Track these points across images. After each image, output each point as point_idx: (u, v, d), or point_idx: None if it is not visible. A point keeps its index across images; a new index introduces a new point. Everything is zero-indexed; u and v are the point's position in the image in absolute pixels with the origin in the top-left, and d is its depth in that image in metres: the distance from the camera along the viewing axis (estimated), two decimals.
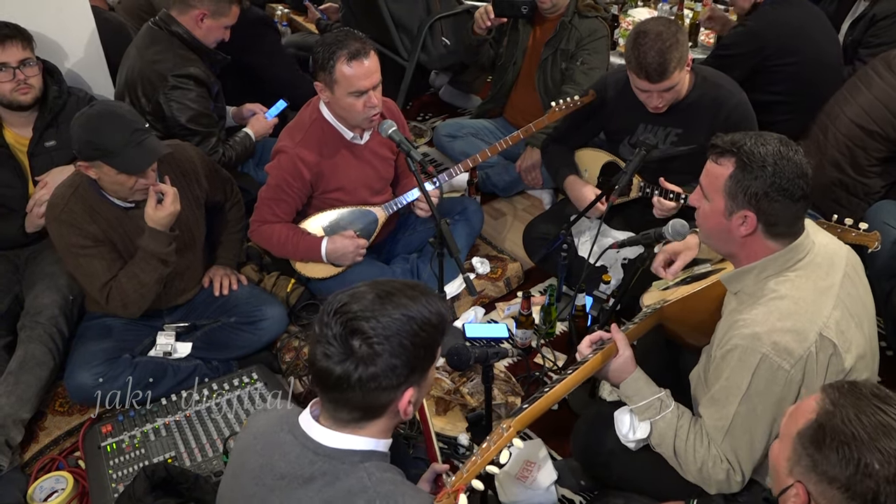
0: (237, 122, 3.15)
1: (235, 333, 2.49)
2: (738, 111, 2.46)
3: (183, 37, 2.76)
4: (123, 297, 2.25)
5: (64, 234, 2.20)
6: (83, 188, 2.21)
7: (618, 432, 1.75)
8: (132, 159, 2.10)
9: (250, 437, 1.36)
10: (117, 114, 2.11)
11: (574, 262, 2.69)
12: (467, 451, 2.24)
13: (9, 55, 2.39)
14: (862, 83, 2.72)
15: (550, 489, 2.13)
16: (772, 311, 1.55)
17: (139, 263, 2.24)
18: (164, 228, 2.21)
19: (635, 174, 2.62)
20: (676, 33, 2.29)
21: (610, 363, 1.72)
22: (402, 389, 1.24)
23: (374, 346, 1.19)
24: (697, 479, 1.65)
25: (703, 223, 1.70)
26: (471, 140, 3.42)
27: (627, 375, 1.72)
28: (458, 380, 2.37)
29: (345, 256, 2.56)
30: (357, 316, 1.20)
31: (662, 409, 1.68)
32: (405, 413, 1.26)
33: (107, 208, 2.23)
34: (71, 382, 2.29)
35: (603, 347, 1.73)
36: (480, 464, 1.44)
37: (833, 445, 1.13)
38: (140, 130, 2.11)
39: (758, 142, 1.57)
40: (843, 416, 1.14)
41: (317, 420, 1.29)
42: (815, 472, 1.16)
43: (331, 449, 1.25)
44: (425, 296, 1.27)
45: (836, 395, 1.19)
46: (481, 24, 3.18)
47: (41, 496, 2.08)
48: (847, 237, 1.97)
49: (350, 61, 2.29)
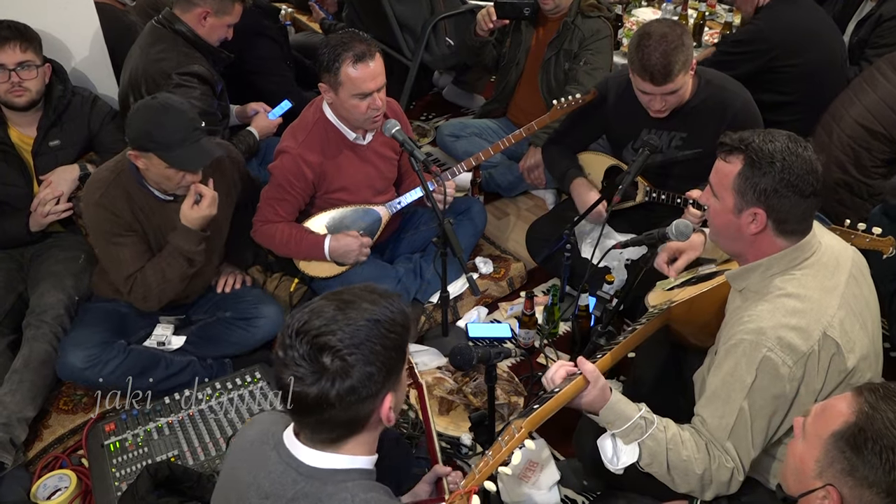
0: (241, 121, 3.15)
1: (229, 329, 2.49)
2: (744, 112, 2.45)
3: (186, 35, 2.76)
4: (146, 289, 2.27)
5: (99, 219, 2.22)
6: (125, 175, 2.23)
7: (603, 459, 1.65)
8: (186, 157, 2.13)
9: (246, 443, 1.34)
10: (179, 109, 2.14)
11: (577, 262, 2.68)
12: (470, 451, 2.24)
13: (6, 57, 2.39)
14: (867, 84, 2.72)
15: (553, 490, 2.13)
16: (777, 308, 1.54)
17: (166, 258, 2.26)
18: (196, 228, 2.24)
19: (641, 179, 2.62)
20: (682, 35, 2.28)
21: (581, 396, 1.59)
22: (381, 396, 1.21)
23: (346, 358, 1.15)
24: (696, 489, 1.60)
25: (713, 221, 1.69)
26: (474, 140, 3.41)
27: (604, 404, 1.60)
28: (461, 380, 2.38)
29: (348, 254, 2.56)
30: (321, 331, 1.16)
31: (648, 427, 1.58)
32: (388, 420, 1.23)
33: (145, 198, 2.25)
34: (62, 360, 2.30)
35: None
36: (493, 465, 1.44)
37: (875, 450, 1.12)
38: (198, 130, 2.15)
39: (766, 139, 1.56)
40: (885, 419, 1.13)
41: (299, 436, 1.26)
42: (852, 476, 1.14)
43: (314, 469, 1.22)
44: (386, 297, 1.24)
45: (873, 397, 1.17)
46: (484, 26, 3.18)
47: (45, 494, 2.08)
48: (860, 242, 1.96)
49: (356, 64, 2.29)
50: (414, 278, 2.73)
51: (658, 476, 1.62)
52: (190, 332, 2.50)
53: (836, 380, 1.55)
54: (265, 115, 3.07)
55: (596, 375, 1.58)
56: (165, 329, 2.47)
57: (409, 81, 3.87)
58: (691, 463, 1.57)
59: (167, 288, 2.29)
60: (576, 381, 1.58)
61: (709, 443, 1.59)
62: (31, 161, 2.54)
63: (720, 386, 1.59)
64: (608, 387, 1.61)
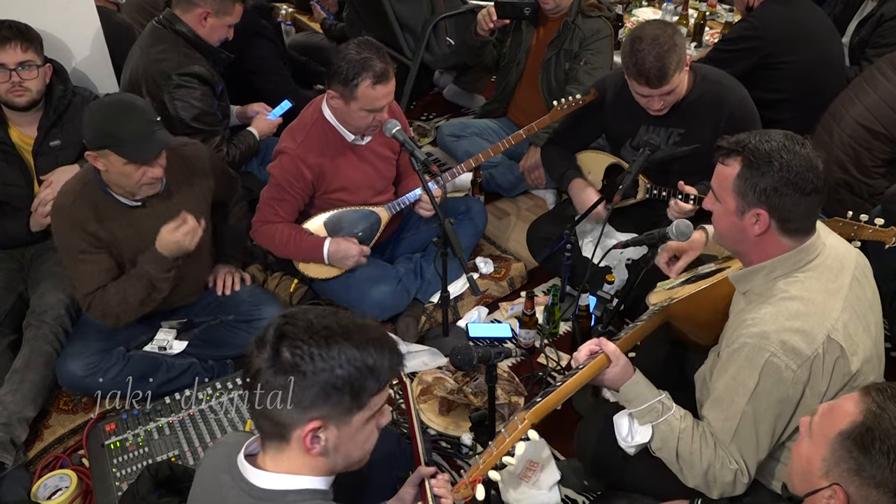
0: (241, 121, 3.15)
1: (233, 332, 2.49)
2: (740, 107, 2.46)
3: (187, 35, 2.76)
4: (105, 307, 2.24)
5: (66, 234, 2.20)
6: (90, 187, 2.20)
7: (617, 437, 1.71)
8: (141, 149, 2.10)
9: (206, 470, 1.34)
10: (133, 104, 2.13)
11: (578, 262, 2.68)
12: (470, 451, 2.24)
13: (6, 57, 2.39)
14: (867, 84, 2.71)
15: (553, 489, 2.13)
16: (781, 311, 1.54)
17: (131, 280, 2.23)
18: (168, 254, 2.21)
19: (642, 176, 2.62)
20: (673, 35, 2.28)
21: (604, 373, 1.66)
22: (307, 417, 1.18)
23: (298, 362, 1.16)
24: (701, 484, 1.61)
25: (717, 225, 1.69)
26: (475, 140, 3.41)
27: (627, 380, 1.67)
28: (462, 379, 2.38)
29: (346, 260, 2.56)
30: (299, 337, 1.18)
31: (664, 412, 1.63)
32: (307, 448, 1.19)
33: (111, 207, 2.22)
34: (62, 368, 2.30)
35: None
36: (496, 455, 1.45)
37: (883, 449, 1.12)
38: (153, 122, 2.13)
39: (762, 139, 1.56)
40: (893, 419, 1.13)
41: (253, 458, 1.26)
42: (859, 475, 1.14)
43: (265, 491, 1.21)
44: (377, 346, 1.21)
45: (881, 397, 1.17)
46: (484, 26, 3.18)
47: (45, 494, 2.08)
48: (863, 233, 1.97)
49: (375, 85, 2.30)
50: (414, 278, 2.73)
51: (668, 463, 1.65)
52: (192, 335, 2.49)
53: (841, 382, 1.55)
54: (265, 116, 3.07)
55: (618, 354, 1.66)
56: (167, 334, 2.46)
57: (410, 81, 3.87)
58: (697, 455, 1.59)
59: (127, 309, 2.25)
60: (598, 358, 1.65)
61: (718, 443, 1.60)
62: (31, 161, 2.54)
63: (724, 389, 1.59)
64: (631, 366, 1.68)
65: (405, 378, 1.94)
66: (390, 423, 2.28)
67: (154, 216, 2.26)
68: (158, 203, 2.26)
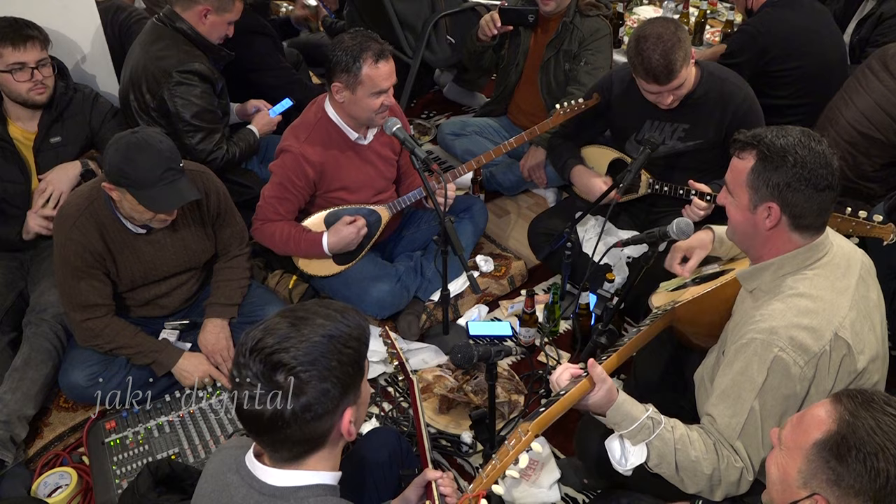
0: (241, 119, 3.15)
1: (235, 332, 2.47)
2: (745, 104, 2.48)
3: (187, 33, 2.76)
4: (98, 338, 2.25)
5: (67, 249, 2.16)
6: (98, 203, 2.17)
7: (611, 461, 1.64)
8: (159, 198, 2.07)
9: (209, 475, 1.33)
10: (156, 148, 2.06)
11: (578, 260, 2.69)
12: (470, 449, 2.24)
13: (29, 55, 2.40)
14: (860, 84, 2.66)
15: (553, 488, 2.13)
16: (790, 308, 1.54)
17: (138, 348, 2.27)
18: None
19: (644, 171, 2.62)
20: (676, 32, 2.29)
21: (587, 398, 1.59)
22: (339, 412, 1.19)
23: (300, 375, 1.13)
24: (705, 489, 1.59)
25: (730, 220, 1.68)
26: (475, 138, 3.41)
27: (611, 405, 1.59)
28: (462, 378, 2.38)
29: (349, 245, 2.56)
30: (275, 349, 1.14)
31: (655, 428, 1.58)
32: (349, 434, 1.22)
33: (118, 229, 2.20)
34: (64, 380, 2.30)
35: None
36: (500, 468, 1.43)
37: (859, 457, 1.11)
38: (174, 170, 2.08)
39: (778, 134, 1.56)
40: (866, 426, 1.12)
41: (260, 457, 1.25)
42: (838, 485, 1.13)
43: (275, 488, 1.21)
44: (341, 312, 1.22)
45: (852, 404, 1.16)
46: (487, 32, 3.17)
47: (45, 491, 2.08)
48: (862, 230, 1.96)
49: (376, 62, 2.33)
50: (415, 276, 2.73)
51: (667, 477, 1.61)
52: (195, 336, 2.47)
53: (847, 381, 1.54)
54: (265, 113, 3.07)
55: (603, 377, 1.58)
56: (170, 335, 2.45)
57: (410, 79, 3.87)
58: (700, 463, 1.56)
59: (113, 350, 2.27)
60: (581, 383, 1.58)
61: (717, 442, 1.58)
62: (31, 158, 2.54)
63: (730, 385, 1.58)
64: (615, 388, 1.61)
65: (412, 376, 1.94)
66: (390, 421, 2.32)
67: (155, 243, 2.27)
68: (163, 233, 2.26)
